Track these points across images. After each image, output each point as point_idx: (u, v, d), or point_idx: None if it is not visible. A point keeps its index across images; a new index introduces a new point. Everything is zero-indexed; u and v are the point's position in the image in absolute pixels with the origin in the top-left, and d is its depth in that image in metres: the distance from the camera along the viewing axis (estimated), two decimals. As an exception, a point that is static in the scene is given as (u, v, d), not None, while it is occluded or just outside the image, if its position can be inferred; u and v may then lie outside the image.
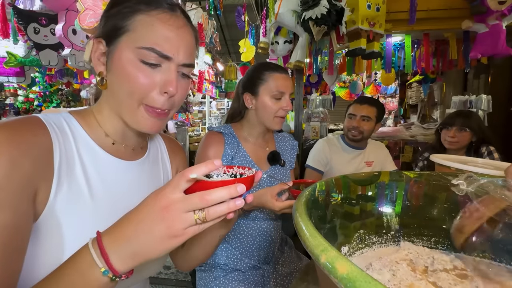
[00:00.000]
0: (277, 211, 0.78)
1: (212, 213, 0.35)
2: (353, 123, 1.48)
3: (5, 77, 2.51)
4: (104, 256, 0.34)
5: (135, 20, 0.45)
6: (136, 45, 0.45)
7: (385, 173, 0.75)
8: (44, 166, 0.41)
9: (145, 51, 0.45)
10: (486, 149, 1.50)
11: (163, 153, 0.65)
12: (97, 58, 0.49)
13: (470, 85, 3.39)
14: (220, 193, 0.35)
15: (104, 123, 0.52)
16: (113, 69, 0.47)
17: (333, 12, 1.35)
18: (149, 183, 0.58)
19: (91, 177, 0.47)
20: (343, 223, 0.53)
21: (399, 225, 0.55)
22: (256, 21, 2.85)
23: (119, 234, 0.36)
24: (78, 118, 0.50)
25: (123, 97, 0.48)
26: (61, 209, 0.42)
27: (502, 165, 0.86)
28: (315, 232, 0.28)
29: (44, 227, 0.41)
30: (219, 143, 0.96)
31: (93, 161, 0.49)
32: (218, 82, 5.82)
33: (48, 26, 1.83)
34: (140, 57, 0.45)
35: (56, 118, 0.47)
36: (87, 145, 0.49)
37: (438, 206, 0.57)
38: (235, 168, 0.48)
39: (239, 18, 2.66)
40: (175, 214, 0.34)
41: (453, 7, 1.68)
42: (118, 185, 0.52)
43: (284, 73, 0.96)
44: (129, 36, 0.46)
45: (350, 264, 0.22)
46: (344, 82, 4.67)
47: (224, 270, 0.96)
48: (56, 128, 0.45)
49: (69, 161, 0.45)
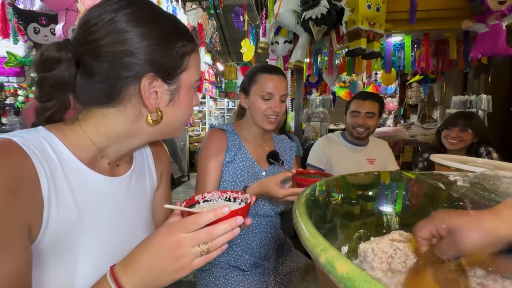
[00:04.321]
0: (280, 198, 0.80)
1: (215, 244, 0.41)
2: (358, 120, 1.46)
3: (5, 77, 2.50)
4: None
5: (190, 59, 0.51)
6: (194, 79, 0.53)
7: (385, 173, 0.76)
8: (34, 199, 0.39)
9: (197, 82, 0.54)
10: (485, 149, 1.50)
11: (148, 160, 0.64)
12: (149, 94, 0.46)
13: (470, 85, 3.39)
14: (223, 227, 0.41)
15: (104, 144, 0.49)
16: (177, 103, 0.50)
17: (333, 12, 1.35)
18: (137, 195, 0.58)
19: (80, 199, 0.45)
20: (343, 222, 0.53)
21: (399, 225, 0.55)
22: (256, 21, 2.85)
23: (133, 268, 0.40)
24: (60, 136, 0.46)
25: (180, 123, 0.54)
26: (54, 235, 0.42)
27: (502, 165, 0.87)
28: (315, 232, 0.28)
29: (40, 255, 0.41)
30: (222, 140, 0.97)
31: (81, 182, 0.46)
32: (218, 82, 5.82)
33: (48, 26, 1.83)
34: (194, 87, 0.54)
35: (35, 139, 0.42)
36: (75, 168, 0.46)
37: (438, 206, 0.57)
38: (228, 192, 0.54)
39: (237, 18, 2.66)
40: (184, 250, 0.40)
41: (453, 7, 1.68)
42: (108, 203, 0.50)
43: (276, 74, 0.96)
44: (188, 73, 0.51)
45: (349, 264, 0.22)
46: (344, 82, 4.67)
47: (224, 270, 0.96)
48: (38, 153, 0.41)
49: (57, 187, 0.42)
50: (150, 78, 0.46)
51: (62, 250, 0.43)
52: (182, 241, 0.39)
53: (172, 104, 0.50)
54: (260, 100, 0.95)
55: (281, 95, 0.95)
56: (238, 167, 0.96)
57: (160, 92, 0.48)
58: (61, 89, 0.46)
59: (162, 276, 0.40)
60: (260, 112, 0.95)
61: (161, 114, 0.48)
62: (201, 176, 0.95)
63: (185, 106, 0.52)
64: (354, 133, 1.49)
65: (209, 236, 0.40)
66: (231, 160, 0.96)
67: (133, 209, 0.56)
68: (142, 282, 0.40)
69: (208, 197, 0.53)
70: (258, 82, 0.96)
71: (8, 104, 4.21)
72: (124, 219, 0.53)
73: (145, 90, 0.46)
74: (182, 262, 0.40)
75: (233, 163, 0.96)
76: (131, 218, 0.55)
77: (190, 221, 0.40)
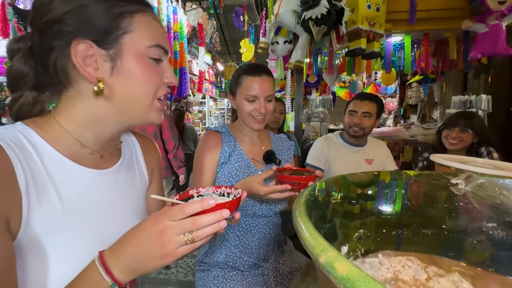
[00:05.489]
0: (262, 196, 0.81)
1: (200, 234, 0.41)
2: (354, 119, 1.48)
3: (4, 77, 2.50)
4: (109, 273, 0.40)
5: (135, 21, 0.46)
6: (145, 44, 0.46)
7: (385, 173, 0.75)
8: (10, 192, 0.38)
9: (153, 48, 0.47)
10: (485, 149, 1.50)
11: (137, 155, 0.63)
12: (83, 63, 0.43)
13: (470, 85, 3.39)
14: (208, 218, 0.41)
15: (80, 133, 0.48)
16: (123, 73, 0.45)
17: (333, 12, 1.35)
18: (127, 190, 0.57)
19: (63, 192, 0.45)
20: (343, 222, 0.52)
21: (399, 225, 0.55)
22: (256, 21, 2.85)
23: (120, 253, 0.41)
24: (37, 129, 0.45)
25: (137, 98, 0.47)
26: (38, 229, 0.41)
27: (502, 165, 0.87)
28: (314, 232, 0.28)
29: (24, 250, 0.41)
30: (217, 142, 0.98)
31: (63, 175, 0.45)
32: (218, 82, 5.82)
33: (48, 26, 1.83)
34: (149, 55, 0.47)
35: (11, 133, 0.42)
36: (54, 159, 0.45)
37: (438, 205, 0.57)
38: (222, 188, 0.54)
39: (237, 18, 2.67)
40: (169, 237, 0.40)
41: (453, 7, 1.68)
42: (94, 196, 0.49)
43: (259, 76, 0.94)
44: (133, 37, 0.45)
45: (349, 264, 0.22)
46: (344, 82, 4.68)
47: (223, 270, 0.95)
48: (14, 146, 0.40)
49: (37, 180, 0.42)
50: (82, 43, 0.42)
51: (48, 245, 0.42)
52: (167, 229, 0.40)
53: (117, 73, 0.45)
54: (245, 102, 0.95)
55: (265, 96, 0.94)
56: (233, 168, 0.96)
57: (99, 59, 0.44)
58: (20, 79, 0.46)
59: (147, 262, 0.41)
60: (245, 113, 0.96)
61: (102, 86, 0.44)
62: (196, 176, 0.97)
63: (139, 76, 0.46)
64: (350, 131, 1.50)
65: (194, 226, 0.40)
66: (226, 161, 0.96)
67: (122, 202, 0.55)
68: (127, 266, 0.41)
69: (203, 192, 0.54)
70: (242, 85, 0.95)
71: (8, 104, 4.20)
72: (112, 212, 0.52)
73: (77, 58, 0.42)
74: (167, 249, 0.40)
75: (228, 163, 0.96)
76: (120, 212, 0.54)
77: (176, 210, 0.41)
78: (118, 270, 0.40)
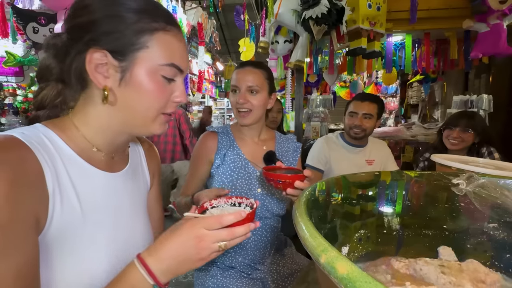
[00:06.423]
0: None
1: (232, 243, 0.47)
2: (355, 121, 1.46)
3: (4, 77, 2.51)
4: (152, 275, 0.43)
5: (153, 38, 0.47)
6: (159, 62, 0.47)
7: (386, 173, 0.75)
8: (40, 192, 0.40)
9: (166, 67, 0.48)
10: (486, 149, 1.50)
11: (141, 159, 0.65)
12: (95, 70, 0.45)
13: (471, 84, 3.38)
14: (241, 230, 0.47)
15: (92, 136, 0.50)
16: (130, 85, 0.46)
17: (334, 11, 1.35)
18: (133, 193, 0.58)
19: (82, 193, 0.46)
20: (343, 223, 0.52)
21: (399, 225, 0.54)
22: (256, 20, 2.85)
23: (163, 257, 0.44)
24: (57, 131, 0.47)
25: (140, 111, 0.49)
26: (58, 228, 0.42)
27: (503, 165, 0.86)
28: (315, 232, 0.28)
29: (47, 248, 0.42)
30: (212, 142, 0.99)
31: (81, 176, 0.47)
32: (218, 82, 5.82)
33: (47, 26, 1.83)
34: (161, 73, 0.48)
35: (35, 134, 0.43)
36: (74, 161, 0.47)
37: (439, 206, 0.56)
38: (233, 198, 0.59)
39: (238, 17, 2.66)
40: (206, 244, 0.45)
41: (454, 6, 1.68)
42: (107, 198, 0.51)
43: (243, 67, 0.96)
44: (148, 53, 0.46)
45: (350, 264, 0.22)
46: (344, 82, 4.67)
47: (221, 269, 0.95)
48: (40, 147, 0.42)
49: (60, 181, 0.43)
50: (98, 52, 0.44)
51: (67, 244, 0.43)
52: (205, 236, 0.44)
53: (124, 84, 0.46)
54: (231, 94, 0.98)
55: (246, 86, 0.93)
56: (228, 168, 0.95)
57: (111, 69, 0.46)
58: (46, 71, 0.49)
59: (185, 265, 0.45)
60: (232, 107, 0.98)
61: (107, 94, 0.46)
62: (189, 175, 1.00)
63: (146, 90, 0.47)
64: (351, 133, 1.49)
65: (230, 236, 0.46)
66: (221, 162, 0.96)
67: (130, 206, 0.56)
68: (168, 268, 0.44)
69: (215, 203, 0.58)
70: (231, 79, 0.99)
71: (7, 104, 4.20)
72: (123, 214, 0.54)
73: (90, 65, 0.44)
74: (203, 254, 0.45)
75: (223, 164, 0.96)
76: (129, 214, 0.56)
77: (213, 221, 0.45)
78: (160, 273, 0.43)
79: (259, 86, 0.93)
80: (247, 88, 0.93)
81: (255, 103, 0.94)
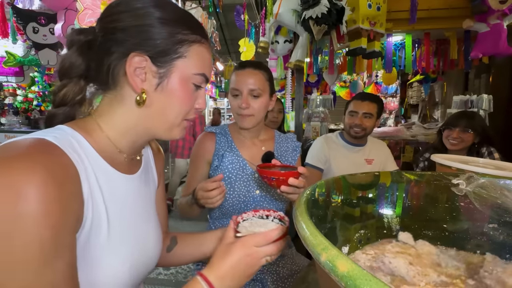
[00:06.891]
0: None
1: (275, 256, 0.52)
2: (355, 120, 1.47)
3: (4, 77, 2.51)
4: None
5: (191, 49, 0.50)
6: (192, 71, 0.51)
7: (386, 174, 0.75)
8: (78, 196, 0.41)
9: (198, 76, 0.52)
10: (486, 149, 1.50)
11: (150, 159, 0.66)
12: (133, 73, 0.46)
13: (471, 84, 3.39)
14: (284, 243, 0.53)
15: (116, 138, 0.51)
16: (165, 90, 0.49)
17: (334, 11, 1.35)
18: (145, 194, 0.59)
19: (107, 198, 0.47)
20: (343, 224, 0.52)
21: (399, 226, 0.54)
22: (256, 20, 2.84)
23: (224, 275, 0.48)
24: (83, 134, 0.47)
25: (170, 115, 0.51)
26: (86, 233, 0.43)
27: (503, 165, 0.86)
28: (315, 231, 0.28)
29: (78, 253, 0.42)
30: (210, 142, 0.98)
31: (106, 181, 0.48)
32: (218, 82, 5.81)
33: (47, 26, 1.83)
34: (193, 81, 0.51)
35: (66, 139, 0.43)
36: (100, 165, 0.47)
37: (439, 206, 0.56)
38: (260, 211, 0.63)
39: (238, 17, 2.66)
40: (256, 261, 0.50)
41: (454, 6, 1.68)
42: (125, 201, 0.52)
43: (244, 69, 0.92)
44: (184, 62, 0.49)
45: (350, 262, 0.22)
46: (344, 82, 4.68)
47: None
48: (73, 152, 0.42)
49: (91, 185, 0.44)
50: (139, 56, 0.46)
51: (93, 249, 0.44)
52: (256, 253, 0.49)
53: (160, 90, 0.48)
54: (231, 97, 0.95)
55: (248, 90, 0.90)
56: (226, 169, 0.94)
57: (148, 73, 0.47)
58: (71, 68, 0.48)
59: (241, 280, 0.49)
60: (233, 109, 0.95)
61: (145, 97, 0.47)
62: (189, 176, 1.00)
63: (178, 97, 0.50)
64: (352, 132, 1.49)
65: (276, 251, 0.51)
66: (219, 163, 0.95)
67: (143, 207, 0.57)
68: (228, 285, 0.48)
69: (245, 217, 0.62)
70: (231, 81, 0.96)
71: (7, 104, 4.19)
72: (138, 217, 0.55)
73: (130, 68, 0.46)
74: (254, 269, 0.50)
75: (221, 165, 0.95)
76: (143, 217, 0.56)
77: (260, 238, 0.50)
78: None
79: (261, 89, 0.91)
80: (249, 92, 0.90)
81: (257, 107, 0.91)
